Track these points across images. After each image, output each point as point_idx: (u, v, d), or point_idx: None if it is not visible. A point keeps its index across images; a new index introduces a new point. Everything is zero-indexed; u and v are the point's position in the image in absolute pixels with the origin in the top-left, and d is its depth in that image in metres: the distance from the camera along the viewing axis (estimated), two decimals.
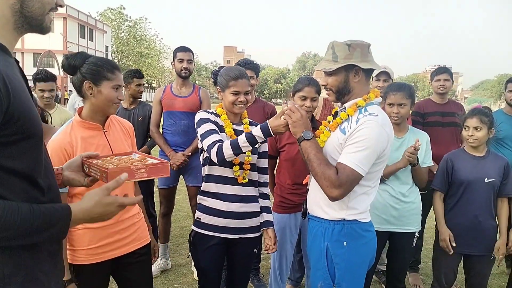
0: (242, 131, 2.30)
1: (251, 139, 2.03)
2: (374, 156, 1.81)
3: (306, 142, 1.86)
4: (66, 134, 1.89)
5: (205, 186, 2.30)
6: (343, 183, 1.75)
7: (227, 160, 2.10)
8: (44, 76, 3.61)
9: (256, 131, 2.03)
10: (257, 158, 2.36)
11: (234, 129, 2.28)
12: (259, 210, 2.37)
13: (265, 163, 2.44)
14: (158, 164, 1.45)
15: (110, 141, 1.99)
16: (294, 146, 2.80)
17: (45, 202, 1.15)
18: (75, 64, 1.87)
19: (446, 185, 2.79)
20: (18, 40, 1.19)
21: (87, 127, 1.94)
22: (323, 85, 2.03)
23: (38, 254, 1.18)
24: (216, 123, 2.25)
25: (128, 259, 2.07)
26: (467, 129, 2.71)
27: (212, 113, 2.30)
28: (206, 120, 2.22)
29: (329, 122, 2.10)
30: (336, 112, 2.03)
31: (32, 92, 3.67)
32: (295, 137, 1.93)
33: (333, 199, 1.81)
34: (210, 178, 2.28)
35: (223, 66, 2.48)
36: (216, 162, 2.12)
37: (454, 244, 2.71)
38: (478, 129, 2.65)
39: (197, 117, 2.26)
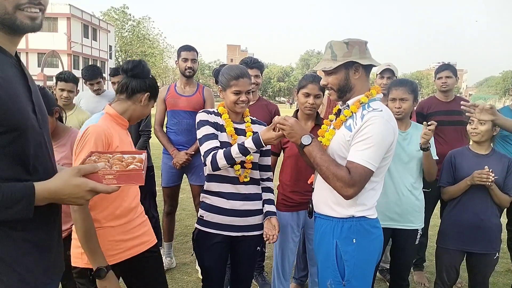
0: (244, 130, 2.32)
1: (243, 150, 2.08)
2: (383, 151, 1.83)
3: (308, 147, 1.87)
4: (106, 123, 1.91)
5: (208, 185, 2.31)
6: (356, 182, 1.77)
7: (221, 169, 2.14)
8: (66, 77, 3.71)
9: (248, 142, 2.07)
10: (260, 157, 2.36)
11: (235, 128, 2.29)
12: (262, 208, 2.38)
13: (268, 161, 2.45)
14: (130, 171, 1.32)
15: (130, 140, 2.05)
16: None
17: None
18: (144, 75, 2.01)
19: (453, 180, 2.78)
20: (12, 41, 1.20)
21: (118, 123, 1.98)
22: (324, 85, 2.02)
23: (19, 246, 1.17)
24: (215, 124, 2.26)
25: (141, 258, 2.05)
26: (471, 123, 2.71)
27: (212, 112, 2.31)
28: (205, 123, 2.23)
29: (331, 120, 2.11)
30: (339, 110, 2.04)
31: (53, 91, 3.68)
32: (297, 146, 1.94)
33: (348, 197, 1.82)
34: (212, 178, 2.29)
35: (225, 65, 2.48)
36: (211, 170, 2.15)
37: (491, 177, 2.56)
38: (482, 123, 2.65)
39: (197, 118, 2.28)
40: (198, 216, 2.35)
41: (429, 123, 2.59)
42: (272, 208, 2.39)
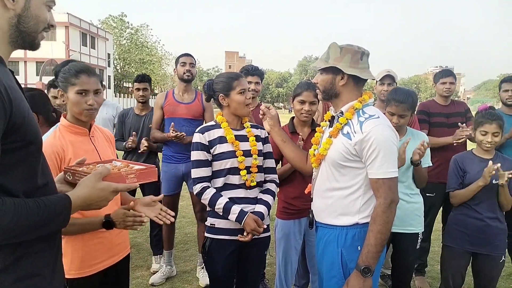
0: (245, 136, 2.35)
1: (225, 211, 2.20)
2: (395, 153, 1.86)
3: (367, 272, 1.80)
4: (56, 138, 1.85)
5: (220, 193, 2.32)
6: (390, 196, 1.80)
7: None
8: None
9: (233, 213, 2.19)
10: (263, 159, 2.40)
11: (236, 135, 2.31)
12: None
13: (271, 163, 2.50)
14: (146, 169, 1.46)
15: (96, 146, 1.98)
16: None
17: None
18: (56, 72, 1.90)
19: (460, 184, 2.78)
20: (11, 53, 1.22)
21: (74, 132, 1.90)
22: (314, 83, 2.05)
23: (42, 257, 1.19)
24: (210, 143, 2.27)
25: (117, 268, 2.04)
26: (484, 133, 2.67)
27: (209, 128, 2.31)
28: (198, 146, 2.28)
29: (323, 127, 2.13)
30: (333, 117, 2.04)
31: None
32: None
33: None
34: (224, 186, 2.29)
35: (211, 79, 2.44)
36: (196, 195, 2.31)
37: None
38: (496, 135, 2.65)
39: (193, 139, 2.33)
40: (208, 225, 2.34)
41: (424, 143, 2.61)
42: (260, 208, 2.31)
